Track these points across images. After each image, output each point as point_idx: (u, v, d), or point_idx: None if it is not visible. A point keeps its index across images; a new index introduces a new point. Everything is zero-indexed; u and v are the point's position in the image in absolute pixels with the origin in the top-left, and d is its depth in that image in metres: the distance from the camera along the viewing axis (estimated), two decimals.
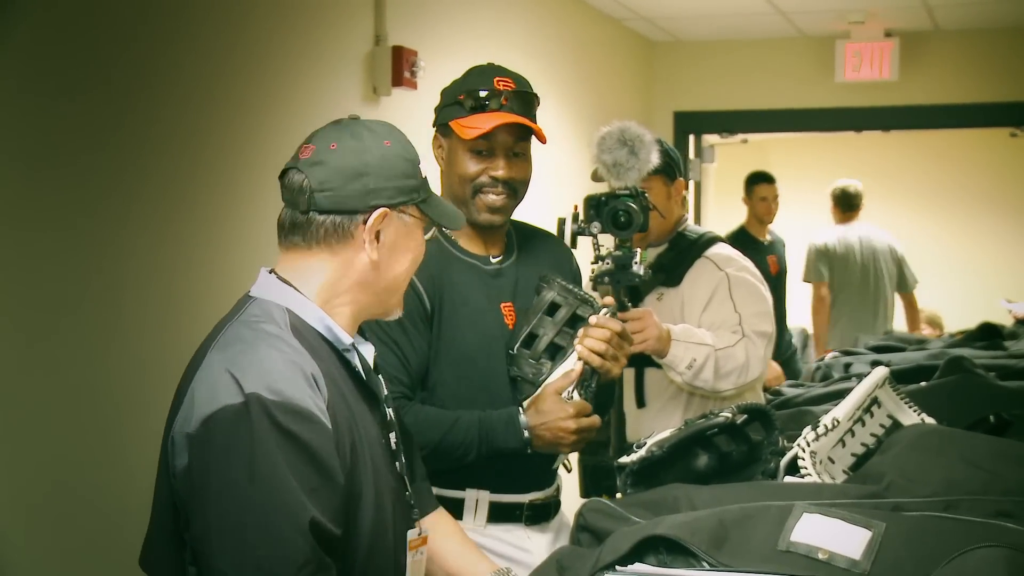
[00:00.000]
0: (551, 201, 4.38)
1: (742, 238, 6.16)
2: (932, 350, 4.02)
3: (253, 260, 2.34)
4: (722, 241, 3.43)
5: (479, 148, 2.42)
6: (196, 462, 1.63)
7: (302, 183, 1.76)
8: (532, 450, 2.37)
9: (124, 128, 3.03)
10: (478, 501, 2.46)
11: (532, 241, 2.61)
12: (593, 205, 2.74)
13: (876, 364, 3.13)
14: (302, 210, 1.77)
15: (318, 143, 1.79)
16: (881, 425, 2.30)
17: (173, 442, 1.67)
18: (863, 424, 2.28)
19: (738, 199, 6.68)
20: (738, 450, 2.29)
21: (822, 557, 1.66)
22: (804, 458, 2.15)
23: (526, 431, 2.36)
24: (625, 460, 2.24)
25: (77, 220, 2.89)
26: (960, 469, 1.94)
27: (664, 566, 1.72)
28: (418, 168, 1.84)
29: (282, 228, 1.81)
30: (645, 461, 2.22)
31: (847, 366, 3.95)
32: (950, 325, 7.07)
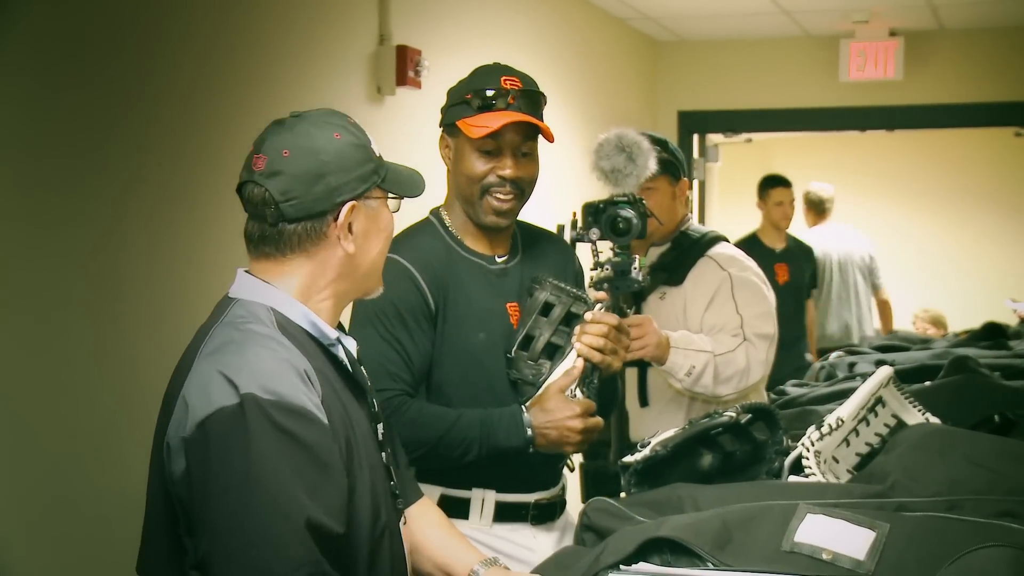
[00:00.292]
0: (555, 200, 4.38)
1: (749, 246, 6.09)
2: (936, 350, 4.03)
3: None
4: (725, 241, 3.43)
5: (487, 147, 2.42)
6: (194, 466, 1.62)
7: (264, 196, 1.75)
8: (534, 449, 2.36)
9: (125, 127, 3.02)
10: (484, 501, 2.45)
11: (536, 241, 2.61)
12: (591, 212, 2.75)
13: (880, 364, 3.12)
14: (270, 223, 1.76)
15: (268, 152, 1.77)
16: (885, 425, 2.30)
17: (168, 448, 1.66)
18: (867, 424, 2.28)
19: (742, 198, 6.65)
20: (742, 450, 2.29)
21: (826, 557, 1.66)
22: (808, 457, 2.15)
23: (529, 430, 2.35)
24: (629, 459, 2.24)
25: (76, 218, 2.88)
26: (964, 469, 1.94)
27: (668, 566, 1.72)
28: (370, 150, 1.82)
29: (251, 240, 1.80)
30: (649, 460, 2.22)
31: (851, 365, 3.95)
32: (954, 325, 7.06)
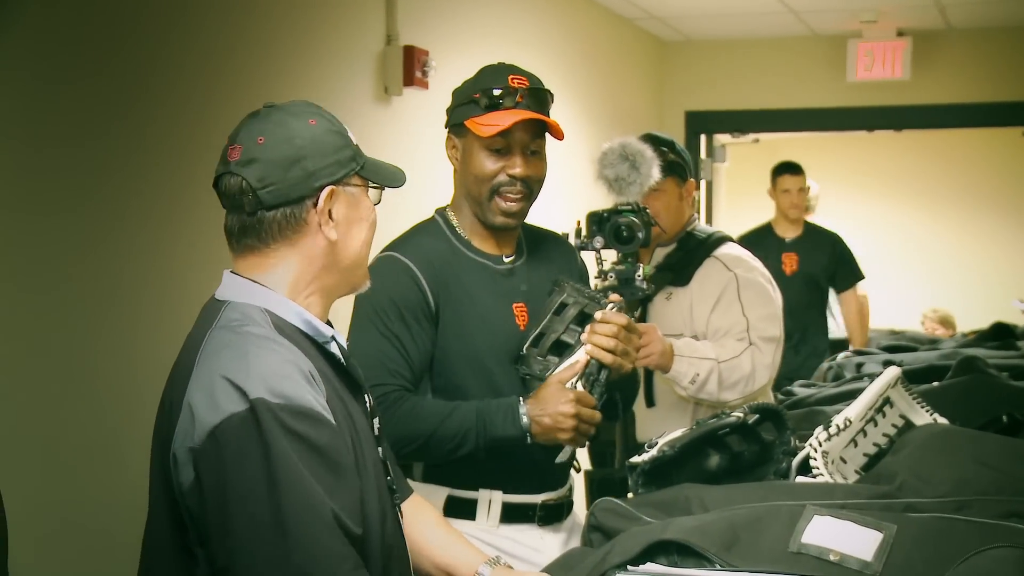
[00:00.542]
0: (563, 200, 4.38)
1: (758, 235, 6.05)
2: (944, 350, 4.02)
3: None
4: (731, 241, 3.43)
5: (496, 146, 2.41)
6: (207, 476, 1.59)
7: (241, 185, 1.72)
8: (532, 440, 2.34)
9: (126, 125, 3.01)
10: (491, 501, 2.45)
11: (541, 242, 2.61)
12: (595, 220, 2.77)
13: (888, 364, 3.12)
14: (249, 212, 1.73)
15: (244, 141, 1.75)
16: (893, 425, 2.29)
17: (175, 458, 1.62)
18: (875, 424, 2.28)
19: (750, 199, 6.65)
20: (750, 450, 2.28)
21: (833, 559, 1.66)
22: (816, 458, 2.14)
23: (525, 419, 2.32)
24: (636, 460, 2.24)
25: (74, 215, 2.86)
26: (972, 469, 1.94)
27: (675, 566, 1.72)
28: (348, 138, 1.80)
29: (231, 234, 1.76)
30: (657, 461, 2.21)
31: (859, 366, 3.94)
32: (962, 325, 7.05)
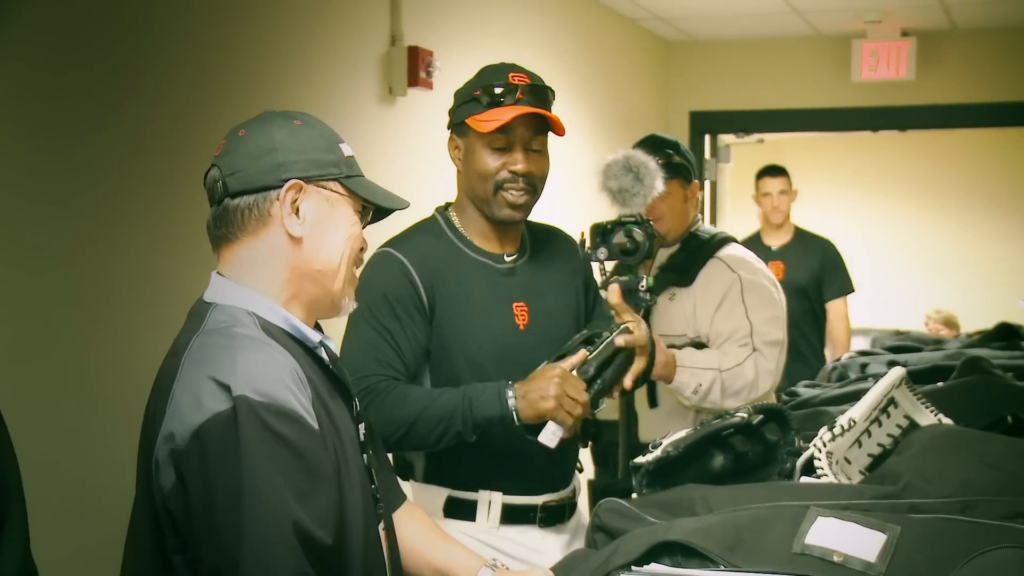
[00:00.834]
0: (567, 200, 4.38)
1: (745, 246, 5.89)
2: (949, 350, 4.00)
3: None
4: (734, 241, 3.42)
5: (498, 144, 2.41)
6: (190, 477, 1.56)
7: (215, 175, 1.72)
8: (518, 420, 2.28)
9: (126, 124, 3.01)
10: (491, 502, 2.44)
11: (543, 239, 2.60)
12: (599, 232, 2.78)
13: (893, 364, 3.11)
14: (217, 200, 1.72)
15: (229, 137, 1.75)
16: (898, 425, 2.29)
17: (156, 463, 1.59)
18: (880, 424, 2.27)
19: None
20: (754, 450, 2.28)
21: (837, 559, 1.66)
22: (820, 458, 2.14)
23: (512, 400, 2.28)
24: (641, 460, 2.24)
25: (72, 214, 2.86)
26: (977, 470, 1.93)
27: (679, 567, 1.72)
28: (336, 146, 1.76)
29: (208, 228, 1.75)
30: (660, 461, 2.21)
31: (863, 366, 3.93)
32: (967, 325, 7.04)
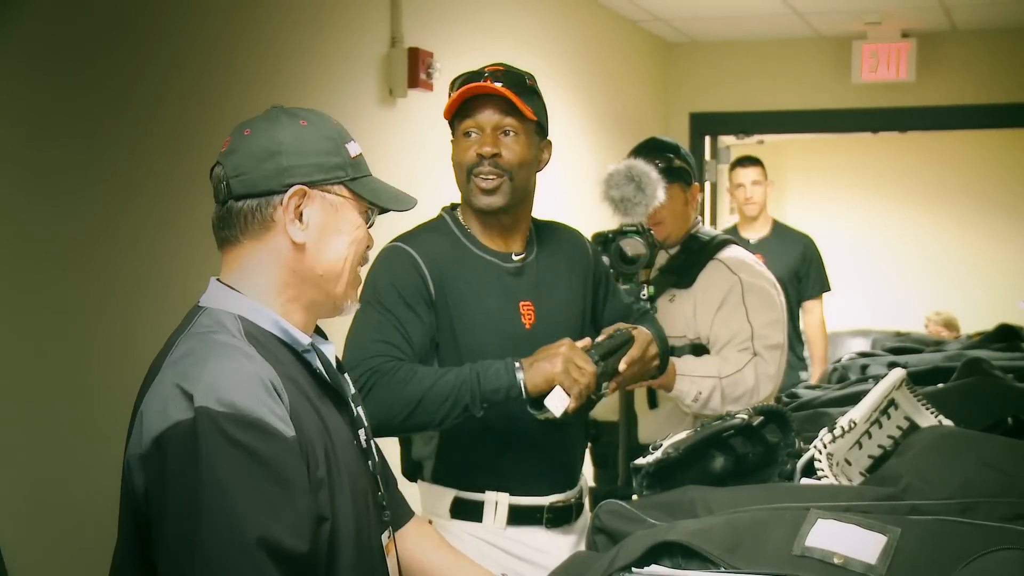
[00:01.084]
0: (567, 201, 4.38)
1: None
2: (949, 352, 4.00)
3: None
4: (734, 243, 3.42)
5: (468, 129, 2.43)
6: (152, 484, 1.56)
7: (219, 174, 1.70)
8: (525, 393, 2.28)
9: (130, 124, 3.02)
10: (497, 503, 2.44)
11: (552, 236, 2.59)
12: (601, 241, 2.80)
13: (893, 366, 3.11)
14: (221, 201, 1.70)
15: (234, 133, 1.72)
16: (898, 427, 2.29)
17: (129, 465, 1.59)
18: (880, 426, 2.27)
19: None
20: (754, 452, 2.28)
21: (837, 562, 1.65)
22: (821, 460, 2.14)
23: (520, 373, 2.28)
24: (641, 462, 2.24)
25: (73, 212, 2.87)
26: (978, 471, 1.93)
27: (679, 568, 1.72)
28: (342, 147, 1.73)
29: (213, 227, 1.73)
30: (661, 463, 2.21)
31: (864, 368, 3.93)
32: (967, 327, 7.04)
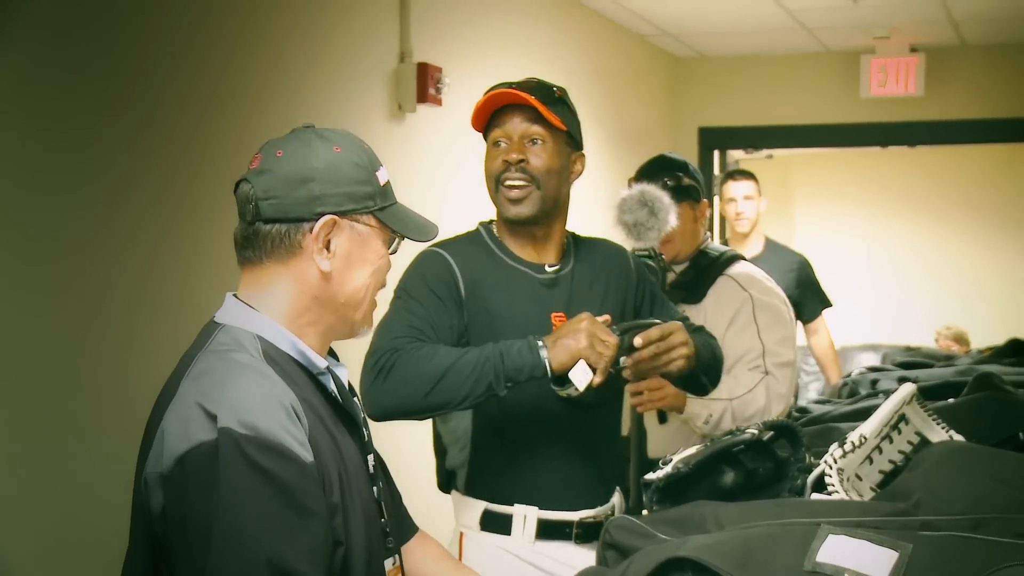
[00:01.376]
0: (574, 214, 4.37)
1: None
2: (960, 366, 3.99)
3: None
4: (742, 259, 3.41)
5: (496, 138, 2.44)
6: (172, 504, 1.54)
7: (248, 193, 1.68)
8: (550, 370, 2.23)
9: (133, 121, 3.01)
10: (526, 517, 2.42)
11: (591, 250, 2.57)
12: None
13: (903, 380, 3.11)
14: (248, 221, 1.68)
15: (265, 152, 1.71)
16: (909, 442, 2.28)
17: (146, 483, 1.58)
18: (891, 441, 2.26)
19: (762, 215, 6.57)
20: (764, 467, 2.28)
21: None
22: (831, 475, 2.13)
23: (544, 351, 2.23)
24: (651, 477, 2.23)
25: (74, 211, 2.86)
26: (989, 487, 1.92)
27: None
28: (373, 175, 1.72)
29: (236, 244, 1.72)
30: (671, 478, 2.21)
31: (874, 382, 3.93)
32: (977, 341, 7.02)
